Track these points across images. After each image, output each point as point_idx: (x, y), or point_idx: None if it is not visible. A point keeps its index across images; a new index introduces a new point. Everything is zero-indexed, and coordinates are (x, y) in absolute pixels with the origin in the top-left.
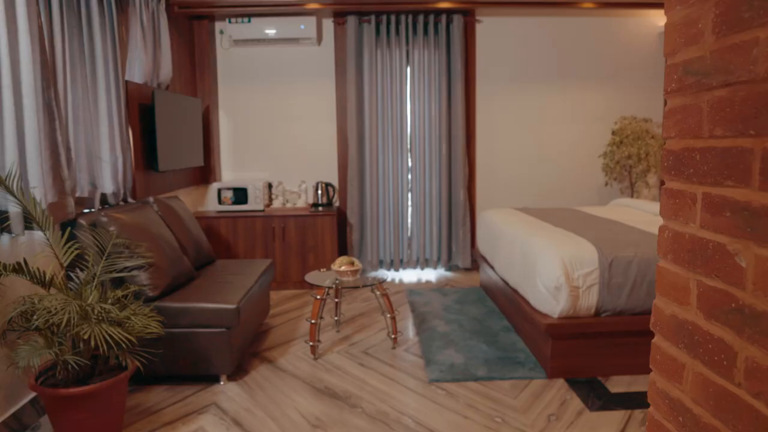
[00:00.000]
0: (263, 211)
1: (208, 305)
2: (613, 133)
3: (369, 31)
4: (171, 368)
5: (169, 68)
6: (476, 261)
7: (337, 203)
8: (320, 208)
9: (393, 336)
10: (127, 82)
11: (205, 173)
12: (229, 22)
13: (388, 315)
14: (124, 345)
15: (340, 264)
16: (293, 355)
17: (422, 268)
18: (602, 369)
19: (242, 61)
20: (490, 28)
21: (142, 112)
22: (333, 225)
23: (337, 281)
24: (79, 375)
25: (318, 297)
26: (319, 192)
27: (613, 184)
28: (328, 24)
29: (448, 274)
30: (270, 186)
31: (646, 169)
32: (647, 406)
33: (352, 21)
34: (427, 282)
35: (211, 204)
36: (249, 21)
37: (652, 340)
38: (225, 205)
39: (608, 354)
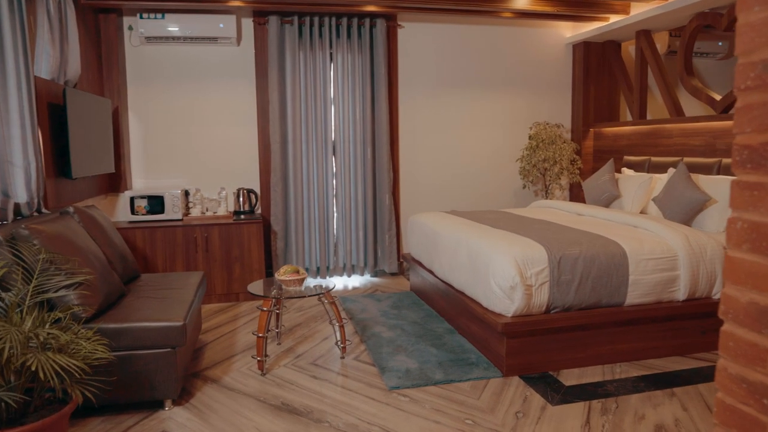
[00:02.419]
0: (182, 220)
1: (152, 324)
2: (530, 137)
3: (291, 33)
4: (108, 396)
5: (78, 64)
6: (403, 265)
7: (259, 210)
8: (242, 216)
9: (342, 345)
10: (35, 78)
11: (115, 181)
12: (141, 17)
13: (336, 323)
14: (76, 374)
15: (285, 273)
16: (238, 372)
17: (349, 275)
18: (553, 364)
19: (154, 59)
20: (411, 34)
21: (51, 112)
22: (259, 233)
23: (283, 291)
24: (11, 413)
25: (264, 309)
26: (241, 199)
27: (529, 187)
28: (248, 24)
29: (375, 279)
30: (187, 194)
31: (559, 171)
32: (603, 396)
33: (273, 21)
34: (355, 288)
35: (122, 214)
36: (162, 17)
37: (722, 328)
38: (139, 215)
39: (558, 349)
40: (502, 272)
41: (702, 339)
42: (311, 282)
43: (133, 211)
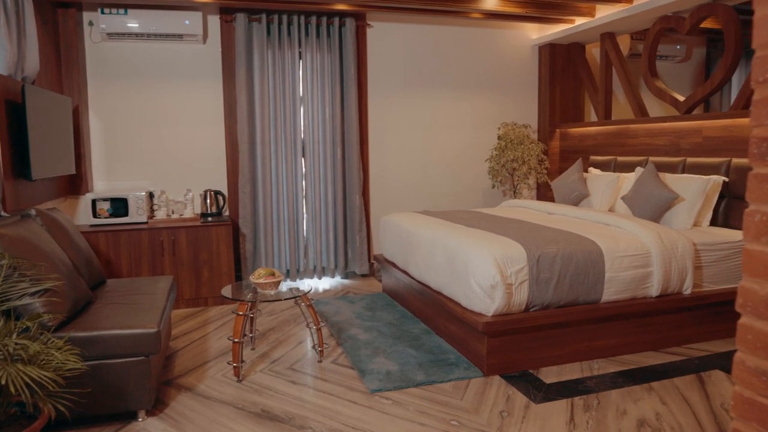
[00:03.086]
0: (147, 223)
1: (124, 331)
2: (499, 137)
3: (259, 31)
4: (78, 409)
5: (36, 60)
6: (373, 267)
7: (227, 212)
8: (210, 219)
9: (320, 348)
10: None
11: (75, 182)
12: (102, 12)
13: (314, 327)
14: (49, 387)
15: (259, 276)
16: (213, 379)
17: (319, 277)
18: (533, 362)
19: (116, 57)
20: (381, 33)
21: (9, 110)
22: (228, 236)
23: (258, 294)
24: None
25: (240, 313)
26: (208, 201)
27: (498, 186)
28: (215, 21)
29: (346, 281)
30: (151, 195)
31: (527, 171)
32: (584, 392)
33: (241, 19)
34: (326, 291)
35: (83, 217)
36: (125, 13)
37: (740, 321)
38: (102, 218)
39: (537, 347)
40: (483, 271)
41: (674, 334)
42: (286, 285)
43: (95, 214)
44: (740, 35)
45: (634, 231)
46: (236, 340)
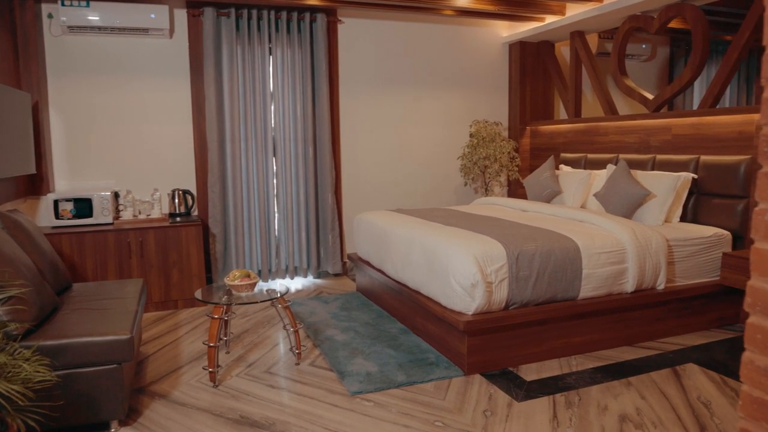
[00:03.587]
0: (112, 224)
1: (95, 338)
2: (471, 135)
3: (228, 26)
4: (47, 422)
5: None
6: (346, 266)
7: (196, 212)
8: (178, 219)
9: (297, 351)
10: None
11: (35, 182)
12: (62, 4)
13: (291, 329)
14: (19, 401)
15: (234, 277)
16: (187, 386)
17: (292, 277)
18: (512, 360)
19: (79, 51)
20: (352, 30)
21: None
22: (198, 236)
23: (234, 297)
24: None
25: (216, 317)
26: (176, 201)
27: (470, 184)
28: (182, 15)
29: (319, 281)
30: (117, 195)
31: (499, 169)
32: (565, 389)
33: (209, 13)
34: (298, 291)
35: (45, 219)
36: (87, 5)
37: (749, 321)
38: (64, 219)
39: (516, 345)
40: (463, 270)
41: (648, 328)
42: (261, 286)
43: (57, 216)
44: (707, 35)
45: (608, 228)
46: (212, 344)
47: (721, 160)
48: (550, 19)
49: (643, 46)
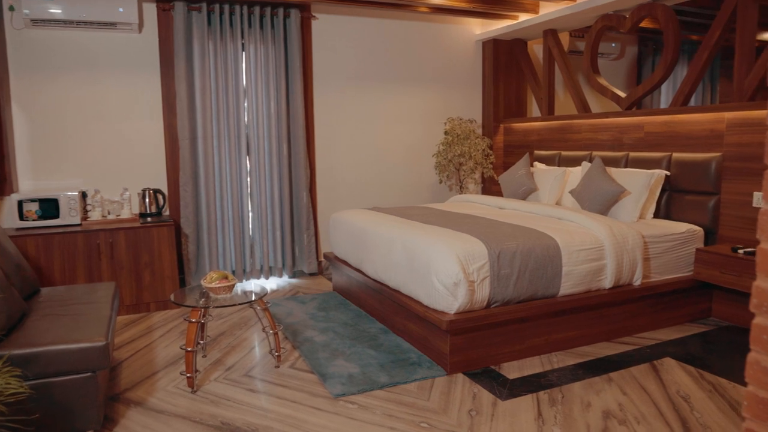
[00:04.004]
0: (81, 225)
1: (68, 346)
2: (446, 132)
3: (199, 20)
4: None
5: None
6: (321, 265)
7: (167, 212)
8: (149, 219)
9: (277, 353)
10: None
11: None
12: None
13: (270, 331)
14: None
15: (212, 279)
16: (164, 391)
17: (267, 277)
18: (494, 358)
19: (43, 45)
20: (326, 26)
21: None
22: (170, 237)
23: (211, 299)
24: None
25: (193, 320)
26: (147, 200)
27: (445, 181)
28: (151, 9)
29: (294, 281)
30: (84, 195)
31: (473, 166)
32: (547, 386)
33: (180, 8)
34: (274, 291)
35: (8, 220)
36: None
37: (755, 322)
38: (29, 220)
39: (498, 343)
40: (445, 269)
41: (625, 324)
42: (238, 288)
43: (21, 217)
44: (678, 35)
45: (586, 225)
46: (189, 349)
47: (692, 157)
48: (523, 17)
49: (613, 44)
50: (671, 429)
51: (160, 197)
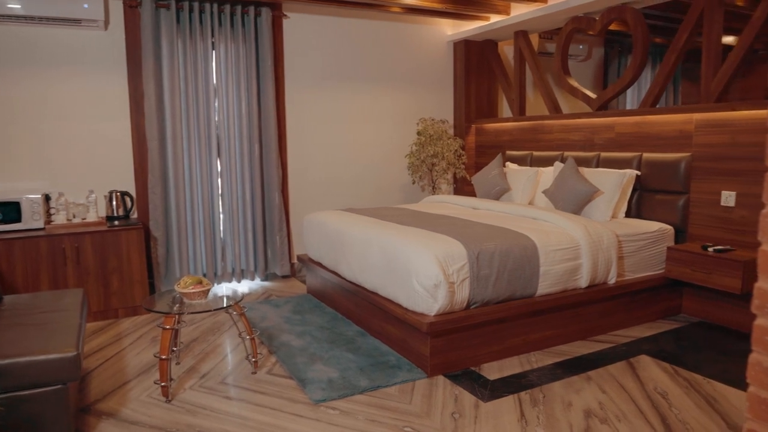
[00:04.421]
0: (44, 229)
1: (37, 357)
2: (419, 133)
3: (168, 18)
4: None
5: None
6: (294, 267)
7: (135, 215)
8: (117, 222)
9: (254, 359)
10: None
11: None
12: None
13: (247, 336)
14: None
15: (186, 284)
16: (138, 402)
17: (239, 280)
18: (473, 359)
19: (1, 43)
20: (298, 25)
21: None
22: (139, 240)
23: (186, 305)
24: None
25: (167, 327)
26: (114, 203)
27: (417, 182)
28: (118, 6)
29: (267, 283)
30: (48, 198)
31: (446, 167)
32: (528, 387)
33: (147, 4)
34: (246, 294)
35: None
36: None
37: (756, 323)
38: None
39: (477, 344)
40: (425, 271)
41: (600, 322)
42: (214, 292)
43: None
44: (647, 37)
45: (562, 225)
46: (163, 357)
47: (662, 157)
48: (495, 18)
49: (580, 46)
50: (651, 426)
51: (127, 200)
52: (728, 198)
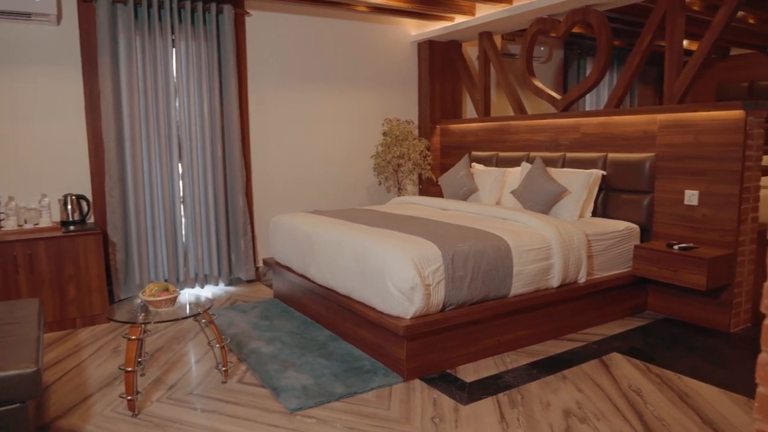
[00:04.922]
0: None
1: None
2: (385, 134)
3: (125, 14)
4: None
5: None
6: (258, 271)
7: (92, 219)
8: (72, 227)
9: (224, 368)
10: None
11: None
12: None
13: (217, 345)
14: None
15: (152, 292)
16: (101, 417)
17: (202, 286)
18: (449, 362)
19: None
20: (261, 23)
21: None
22: (97, 246)
23: (152, 314)
24: None
25: (133, 338)
26: (69, 207)
27: (383, 183)
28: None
29: (231, 288)
30: None
31: (412, 167)
32: (505, 388)
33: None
34: (212, 301)
35: None
36: None
37: (766, 323)
38: None
39: (453, 346)
40: (401, 273)
41: (572, 321)
42: (186, 300)
43: None
44: (611, 40)
45: (533, 225)
46: (129, 369)
47: (627, 157)
48: (459, 19)
49: (542, 48)
50: (630, 424)
51: (83, 204)
52: (691, 197)
